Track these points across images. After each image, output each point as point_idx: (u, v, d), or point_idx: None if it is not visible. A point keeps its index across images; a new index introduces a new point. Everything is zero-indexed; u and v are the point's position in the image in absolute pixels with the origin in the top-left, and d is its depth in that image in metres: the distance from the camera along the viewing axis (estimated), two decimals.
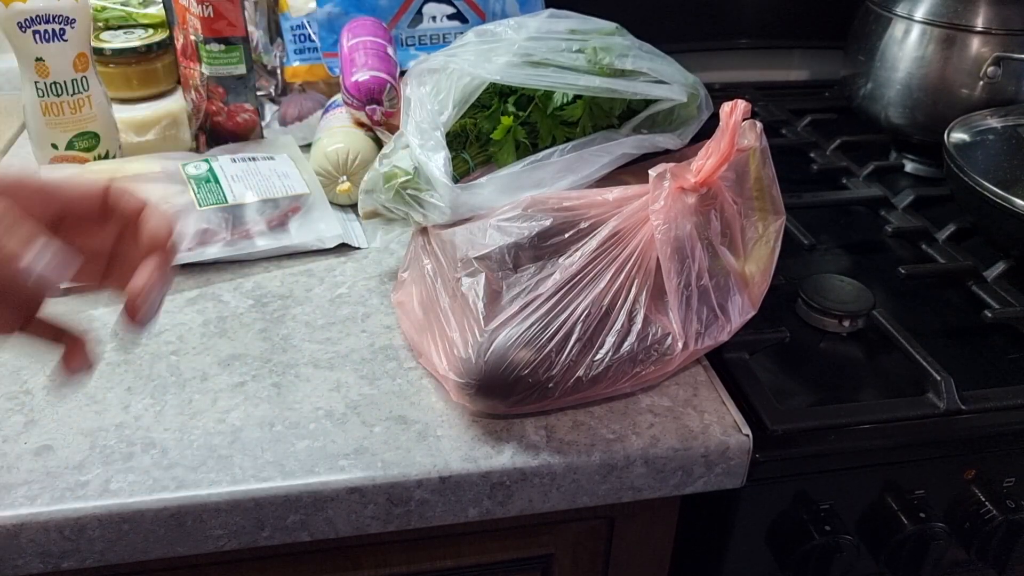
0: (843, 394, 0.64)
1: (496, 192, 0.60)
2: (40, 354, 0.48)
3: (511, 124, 0.64)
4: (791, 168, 0.98)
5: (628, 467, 0.56)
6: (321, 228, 0.76)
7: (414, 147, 0.62)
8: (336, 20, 0.93)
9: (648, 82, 0.65)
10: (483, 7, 0.98)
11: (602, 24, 0.70)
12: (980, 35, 0.92)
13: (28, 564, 0.51)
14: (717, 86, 1.21)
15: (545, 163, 0.62)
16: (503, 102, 0.65)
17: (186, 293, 0.70)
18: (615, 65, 0.64)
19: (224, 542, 0.53)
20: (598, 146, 0.63)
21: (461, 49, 0.66)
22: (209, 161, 0.79)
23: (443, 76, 0.64)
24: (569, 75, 0.63)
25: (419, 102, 0.64)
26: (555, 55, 0.64)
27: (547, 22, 0.68)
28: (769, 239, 0.63)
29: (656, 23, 1.13)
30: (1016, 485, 0.64)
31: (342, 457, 0.54)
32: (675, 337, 0.57)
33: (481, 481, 0.54)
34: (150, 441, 0.55)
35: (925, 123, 0.96)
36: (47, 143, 0.81)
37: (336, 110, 0.85)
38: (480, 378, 0.54)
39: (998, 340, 0.71)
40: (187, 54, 0.86)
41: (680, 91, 0.66)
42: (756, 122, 0.62)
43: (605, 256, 0.57)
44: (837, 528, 0.60)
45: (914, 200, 0.89)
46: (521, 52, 0.63)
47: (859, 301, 0.71)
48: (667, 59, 0.68)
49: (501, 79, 0.62)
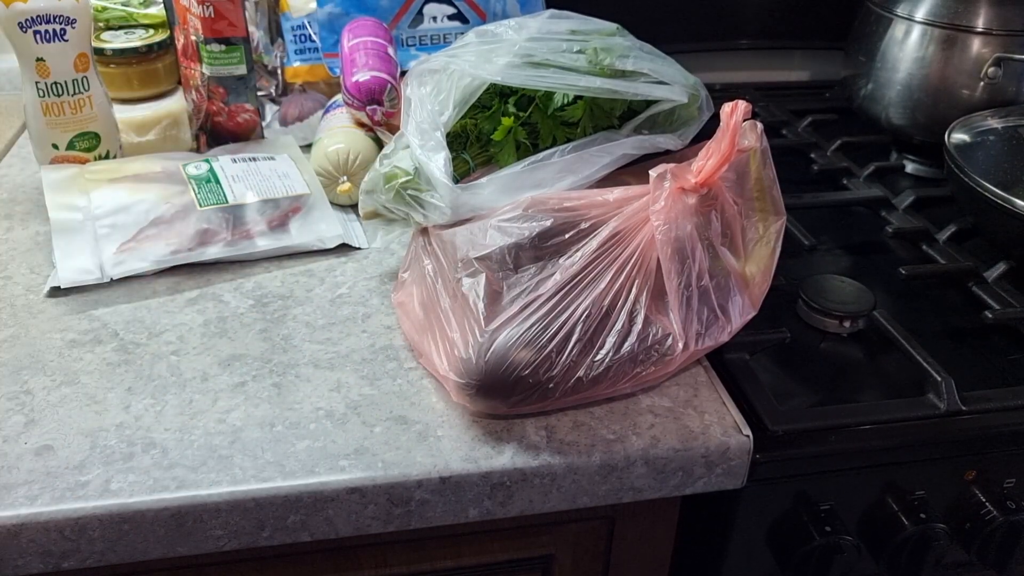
0: (843, 395, 0.64)
1: (496, 192, 0.60)
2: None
3: (512, 125, 0.64)
4: (792, 169, 0.98)
5: (628, 467, 0.56)
6: (322, 228, 0.76)
7: (414, 147, 0.62)
8: (337, 20, 0.93)
9: (649, 83, 0.65)
10: (484, 7, 0.98)
11: (603, 25, 0.70)
12: (981, 36, 0.92)
13: (28, 564, 0.51)
14: (718, 87, 1.21)
15: (546, 163, 0.62)
16: (504, 103, 0.65)
17: (186, 293, 0.70)
18: (616, 66, 0.64)
19: (224, 542, 0.53)
20: (598, 147, 0.63)
21: (462, 50, 0.66)
22: (210, 161, 0.79)
23: (444, 76, 0.64)
24: (570, 76, 0.63)
25: (419, 102, 0.64)
26: (556, 56, 0.64)
27: (548, 23, 0.68)
28: (769, 240, 0.63)
29: (657, 24, 1.13)
30: (1016, 486, 0.64)
31: (342, 457, 0.54)
32: (675, 337, 0.57)
33: (481, 481, 0.54)
34: (150, 441, 0.55)
35: (926, 124, 0.96)
36: (48, 143, 0.81)
37: (337, 110, 0.85)
38: (481, 378, 0.54)
39: (998, 341, 0.71)
40: (188, 54, 0.86)
41: (681, 92, 0.66)
42: (757, 123, 0.62)
43: (606, 256, 0.57)
44: (837, 529, 0.60)
45: (915, 201, 0.89)
46: (522, 53, 0.63)
47: (859, 302, 0.71)
48: (668, 60, 0.68)
49: (502, 80, 0.62)
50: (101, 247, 0.71)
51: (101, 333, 0.65)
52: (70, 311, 0.67)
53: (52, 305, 0.68)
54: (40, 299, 0.68)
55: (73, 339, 0.64)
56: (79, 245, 0.71)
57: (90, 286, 0.70)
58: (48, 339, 0.64)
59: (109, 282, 0.70)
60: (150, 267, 0.71)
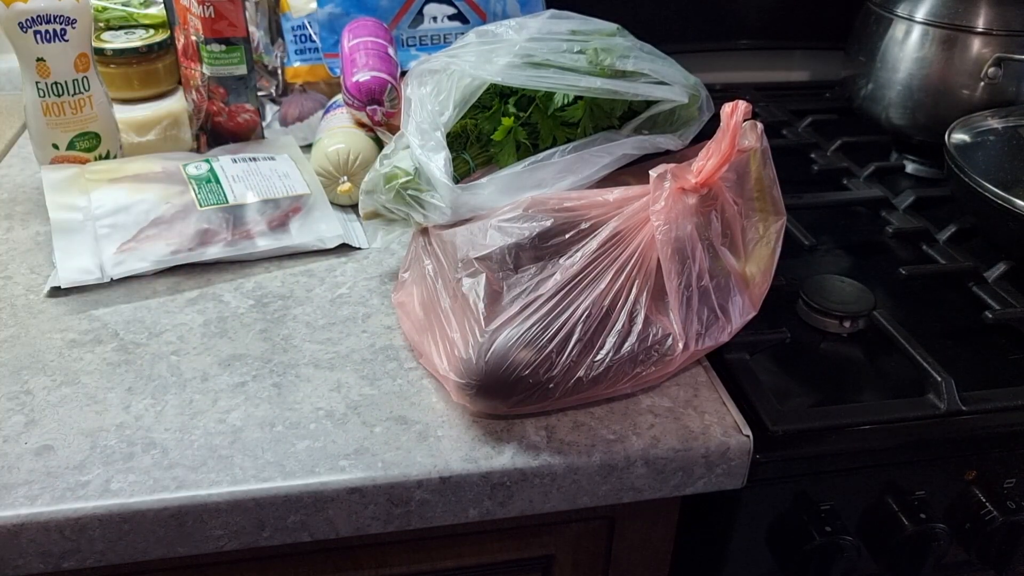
0: (844, 395, 0.64)
1: (496, 193, 0.60)
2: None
3: (512, 125, 0.64)
4: (792, 169, 0.98)
5: (628, 468, 0.56)
6: (322, 228, 0.76)
7: (414, 147, 0.62)
8: (337, 20, 0.93)
9: (649, 83, 0.65)
10: (484, 7, 0.98)
11: (603, 25, 0.70)
12: (981, 36, 0.92)
13: (29, 564, 0.51)
14: (718, 87, 1.21)
15: (546, 163, 0.62)
16: (504, 103, 0.66)
17: (187, 293, 0.70)
18: (616, 66, 0.64)
19: (224, 542, 0.53)
20: (599, 147, 0.63)
21: (462, 50, 0.66)
22: (210, 161, 0.79)
23: (444, 77, 0.64)
24: (570, 76, 0.63)
25: (419, 103, 0.64)
26: (556, 56, 0.64)
27: (548, 23, 0.68)
28: (770, 240, 0.63)
29: (657, 23, 1.13)
30: (1017, 486, 0.64)
31: (342, 457, 0.54)
32: (675, 338, 0.57)
33: (481, 481, 0.54)
34: (151, 441, 0.55)
35: (926, 124, 0.96)
36: (48, 143, 0.81)
37: (337, 110, 0.85)
38: (481, 378, 0.54)
39: (999, 341, 0.71)
40: (188, 54, 0.86)
41: (681, 92, 0.66)
42: (757, 123, 0.62)
43: (606, 257, 0.57)
44: (838, 529, 0.60)
45: (915, 201, 0.89)
46: (522, 53, 0.63)
47: (860, 302, 0.71)
48: (668, 60, 0.68)
49: (502, 80, 0.62)
50: (101, 247, 0.71)
51: (101, 333, 0.65)
52: (70, 311, 0.67)
53: (52, 305, 0.68)
54: (40, 299, 0.68)
55: (73, 339, 0.64)
56: (79, 245, 0.71)
57: (90, 286, 0.70)
58: (48, 339, 0.64)
59: (109, 282, 0.70)
60: (150, 267, 0.71)
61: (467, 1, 0.97)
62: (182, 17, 0.84)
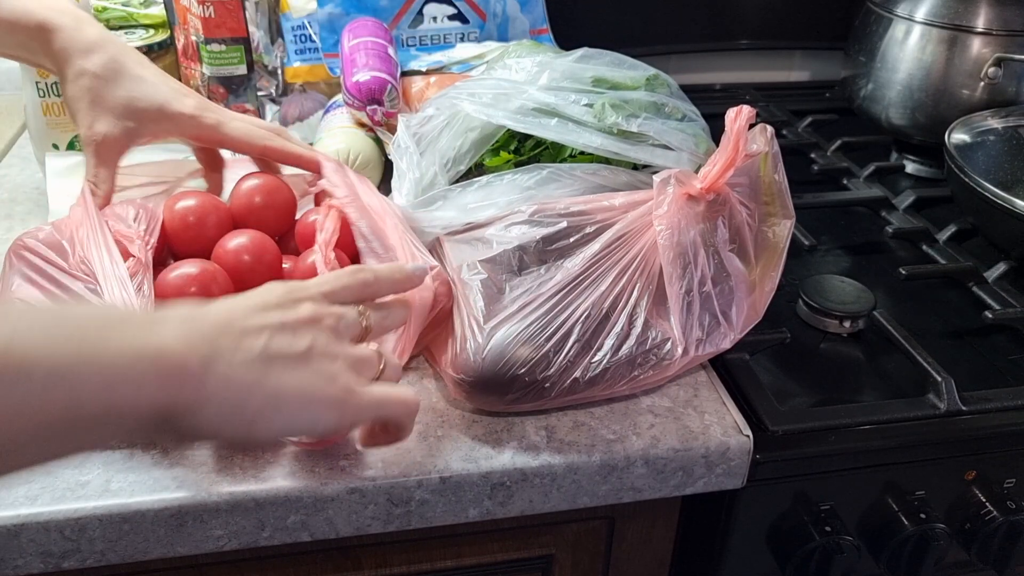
0: (844, 395, 0.64)
1: (455, 209, 0.61)
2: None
3: (511, 159, 0.64)
4: (792, 169, 0.97)
5: (628, 467, 0.56)
6: None
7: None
8: (337, 20, 0.93)
9: (653, 146, 0.63)
10: (484, 7, 0.98)
11: (637, 71, 0.68)
12: (981, 36, 0.92)
13: (29, 564, 0.51)
14: (718, 87, 1.21)
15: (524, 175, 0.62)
16: (520, 144, 0.66)
17: None
18: (621, 126, 0.62)
19: (224, 542, 0.53)
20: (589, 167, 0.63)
21: (478, 85, 0.66)
22: None
23: (456, 120, 0.65)
24: (572, 129, 0.62)
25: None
26: (566, 106, 0.63)
27: (573, 66, 0.67)
28: (778, 243, 0.63)
29: (657, 23, 1.13)
30: (1017, 486, 0.64)
31: (342, 457, 0.54)
32: (675, 342, 0.57)
33: (481, 481, 0.54)
34: (150, 441, 0.55)
35: (926, 124, 0.96)
36: (48, 143, 0.81)
37: (337, 110, 0.85)
38: (478, 374, 0.54)
39: (999, 341, 0.71)
40: (188, 54, 0.86)
41: (685, 160, 0.63)
42: (767, 126, 0.61)
43: (608, 259, 0.57)
44: (837, 529, 0.60)
45: (915, 201, 0.90)
46: (533, 99, 0.63)
47: (860, 302, 0.71)
48: (687, 122, 0.66)
49: (511, 125, 0.62)
50: None
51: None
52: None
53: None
54: None
55: None
56: None
57: None
58: None
59: None
60: None
61: (467, 1, 0.97)
62: (182, 17, 0.84)
